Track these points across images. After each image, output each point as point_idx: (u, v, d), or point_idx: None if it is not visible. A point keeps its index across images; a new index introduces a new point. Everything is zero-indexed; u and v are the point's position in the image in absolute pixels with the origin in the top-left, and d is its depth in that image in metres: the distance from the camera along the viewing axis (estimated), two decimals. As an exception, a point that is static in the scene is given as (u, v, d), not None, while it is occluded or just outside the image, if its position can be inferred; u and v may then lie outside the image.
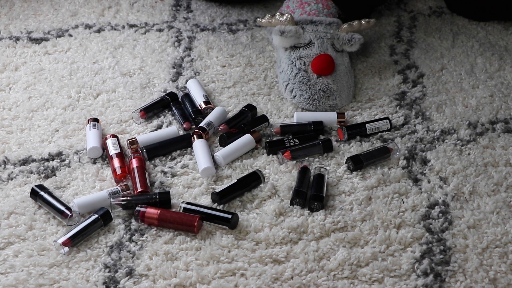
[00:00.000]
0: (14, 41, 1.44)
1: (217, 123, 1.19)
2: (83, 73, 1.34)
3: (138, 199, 1.04)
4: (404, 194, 1.07)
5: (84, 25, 1.49)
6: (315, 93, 1.22)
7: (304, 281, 0.94)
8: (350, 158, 1.11)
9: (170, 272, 0.94)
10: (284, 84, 1.25)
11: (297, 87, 1.23)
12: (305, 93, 1.22)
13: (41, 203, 1.04)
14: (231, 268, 0.95)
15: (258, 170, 1.09)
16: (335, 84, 1.23)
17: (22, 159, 1.14)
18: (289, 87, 1.24)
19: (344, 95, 1.24)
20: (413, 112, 1.24)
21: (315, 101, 1.22)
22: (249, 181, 1.07)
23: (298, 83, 1.23)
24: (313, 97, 1.22)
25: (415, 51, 1.40)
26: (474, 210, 1.04)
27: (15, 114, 1.24)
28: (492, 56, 1.37)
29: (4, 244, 0.99)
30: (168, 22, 1.50)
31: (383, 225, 1.01)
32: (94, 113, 1.24)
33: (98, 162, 1.13)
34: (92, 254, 0.97)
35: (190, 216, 1.00)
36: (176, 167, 1.12)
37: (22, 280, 0.93)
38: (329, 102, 1.22)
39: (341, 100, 1.23)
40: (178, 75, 1.34)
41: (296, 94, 1.23)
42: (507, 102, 1.26)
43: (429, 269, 0.95)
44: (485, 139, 1.17)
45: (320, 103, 1.22)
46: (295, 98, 1.23)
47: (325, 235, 1.00)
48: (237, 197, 1.06)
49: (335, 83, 1.23)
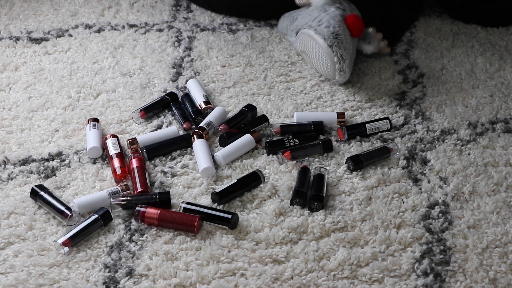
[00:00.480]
0: (14, 41, 1.44)
1: (217, 123, 1.19)
2: (83, 73, 1.34)
3: (138, 199, 1.04)
4: (404, 194, 1.07)
5: (84, 25, 1.49)
6: (339, 34, 1.23)
7: (304, 281, 0.94)
8: (350, 158, 1.11)
9: (170, 272, 0.94)
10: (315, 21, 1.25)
11: (329, 18, 1.23)
12: (332, 27, 1.22)
13: (41, 203, 1.04)
14: (231, 268, 0.95)
15: (258, 170, 1.09)
16: (352, 48, 1.25)
17: (22, 159, 1.14)
18: (324, 19, 1.23)
19: (350, 62, 1.26)
20: (413, 112, 1.24)
21: (334, 40, 1.22)
22: (249, 181, 1.07)
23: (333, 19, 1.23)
24: (337, 36, 1.22)
25: (415, 51, 1.40)
26: (474, 210, 1.04)
27: (15, 114, 1.24)
28: (492, 56, 1.37)
29: (4, 244, 0.99)
30: (168, 22, 1.50)
31: (383, 225, 1.01)
32: (94, 113, 1.24)
33: (98, 162, 1.13)
34: (92, 254, 0.97)
35: (190, 216, 1.00)
36: (176, 167, 1.12)
37: (22, 280, 0.93)
38: (341, 52, 1.23)
39: (345, 62, 1.24)
40: (178, 75, 1.34)
41: (323, 24, 1.23)
42: (507, 102, 1.26)
43: (429, 269, 0.95)
44: (485, 139, 1.17)
45: (336, 45, 1.22)
46: (319, 26, 1.23)
47: (325, 235, 1.00)
48: (237, 197, 1.06)
49: (352, 47, 1.25)
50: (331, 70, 1.26)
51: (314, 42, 1.25)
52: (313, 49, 1.26)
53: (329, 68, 1.26)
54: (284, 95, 1.29)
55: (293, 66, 1.36)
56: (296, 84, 1.32)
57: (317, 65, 1.29)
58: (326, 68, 1.27)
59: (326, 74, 1.29)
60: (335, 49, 1.22)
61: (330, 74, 1.27)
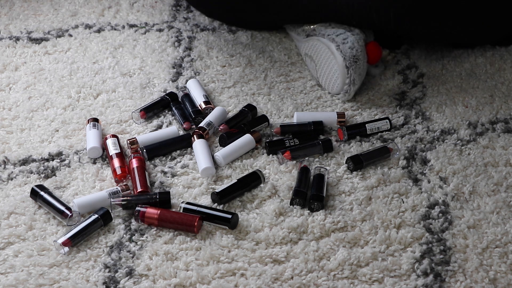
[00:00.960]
0: (14, 41, 1.44)
1: (217, 123, 1.19)
2: (83, 73, 1.34)
3: (138, 199, 1.04)
4: (404, 194, 1.07)
5: (84, 25, 1.49)
6: (359, 59, 1.22)
7: (304, 281, 0.94)
8: (350, 158, 1.11)
9: (170, 272, 0.94)
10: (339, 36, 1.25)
11: (354, 40, 1.23)
12: (355, 50, 1.22)
13: (41, 203, 1.04)
14: (231, 268, 0.95)
15: (258, 170, 1.09)
16: (364, 74, 1.26)
17: (22, 159, 1.14)
18: (349, 39, 1.23)
19: (358, 87, 1.26)
20: (413, 112, 1.24)
21: (354, 64, 1.22)
22: (249, 181, 1.07)
23: (357, 42, 1.23)
24: (357, 61, 1.22)
25: (415, 51, 1.40)
26: (474, 210, 1.04)
27: (15, 114, 1.24)
28: (492, 56, 1.37)
29: (4, 244, 0.99)
30: (168, 22, 1.50)
31: (383, 225, 1.01)
32: (94, 113, 1.24)
33: (98, 162, 1.13)
34: (92, 254, 0.97)
35: (190, 216, 1.00)
36: (176, 167, 1.12)
37: (22, 280, 0.93)
38: (355, 76, 1.23)
39: (354, 86, 1.24)
40: (178, 75, 1.34)
41: (348, 43, 1.22)
42: (507, 102, 1.26)
43: (429, 269, 0.95)
44: (485, 139, 1.17)
45: (353, 68, 1.22)
46: (344, 44, 1.23)
47: (325, 235, 1.00)
48: (237, 197, 1.06)
49: (364, 73, 1.26)
50: (336, 87, 1.25)
51: (332, 56, 1.24)
52: (326, 61, 1.26)
53: (336, 85, 1.25)
54: (284, 95, 1.29)
55: (293, 66, 1.36)
56: (296, 84, 1.32)
57: (321, 75, 1.28)
58: (332, 83, 1.26)
59: (327, 87, 1.28)
60: (351, 72, 1.22)
61: (333, 89, 1.26)
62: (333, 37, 1.25)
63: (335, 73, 1.24)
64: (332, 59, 1.24)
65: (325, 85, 1.28)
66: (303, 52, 1.34)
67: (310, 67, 1.32)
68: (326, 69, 1.26)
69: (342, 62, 1.22)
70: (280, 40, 1.44)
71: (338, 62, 1.22)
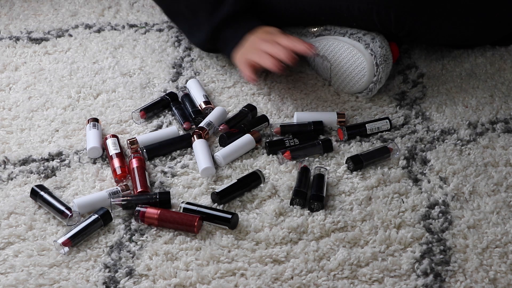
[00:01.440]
0: (14, 41, 1.44)
1: (217, 123, 1.19)
2: (83, 73, 1.34)
3: (138, 199, 1.04)
4: (404, 194, 1.07)
5: (84, 25, 1.49)
6: (388, 59, 1.23)
7: (304, 281, 0.94)
8: (350, 158, 1.11)
9: (170, 272, 0.94)
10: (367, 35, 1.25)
11: (381, 39, 1.24)
12: (384, 49, 1.23)
13: (41, 203, 1.04)
14: (231, 268, 0.95)
15: (258, 170, 1.09)
16: (388, 74, 1.26)
17: (22, 159, 1.14)
18: (377, 39, 1.23)
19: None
20: (413, 112, 1.24)
21: (384, 62, 1.22)
22: (249, 181, 1.07)
23: (384, 41, 1.24)
24: (386, 59, 1.23)
25: (415, 51, 1.40)
26: (474, 210, 1.04)
27: (15, 114, 1.24)
28: (492, 56, 1.37)
29: (4, 244, 0.99)
30: (168, 22, 1.50)
31: (383, 225, 1.01)
32: (94, 113, 1.24)
33: (98, 162, 1.13)
34: (92, 254, 0.97)
35: (190, 216, 1.00)
36: (176, 167, 1.12)
37: (22, 280, 0.93)
38: (382, 75, 1.23)
39: (379, 84, 1.24)
40: (178, 75, 1.34)
41: (377, 42, 1.23)
42: (507, 102, 1.26)
43: (429, 269, 0.95)
44: (485, 139, 1.17)
45: (382, 67, 1.22)
46: (374, 43, 1.23)
47: (325, 235, 1.00)
48: (237, 197, 1.06)
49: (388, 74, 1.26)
50: (359, 86, 1.24)
51: (359, 55, 1.22)
52: (348, 60, 1.24)
53: (359, 84, 1.24)
54: (284, 95, 1.29)
55: (293, 66, 1.36)
56: (296, 84, 1.31)
57: (338, 74, 1.27)
58: (353, 82, 1.24)
59: (344, 86, 1.27)
60: (380, 70, 1.22)
61: (353, 88, 1.25)
62: (359, 36, 1.25)
63: (360, 72, 1.23)
64: (357, 58, 1.23)
65: (341, 84, 1.27)
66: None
67: (320, 67, 1.31)
68: (347, 69, 1.25)
69: (372, 60, 1.21)
70: (280, 40, 1.43)
71: (367, 60, 1.22)
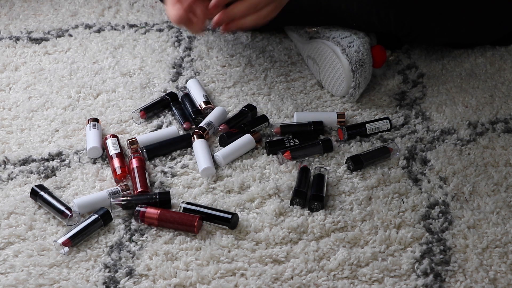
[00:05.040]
0: (14, 41, 1.44)
1: (217, 123, 1.19)
2: (83, 73, 1.34)
3: (138, 199, 1.04)
4: (404, 194, 1.07)
5: (84, 25, 1.49)
6: (365, 63, 1.22)
7: (304, 281, 0.94)
8: (350, 158, 1.11)
9: (170, 272, 0.94)
10: (345, 40, 1.24)
11: (360, 44, 1.22)
12: (361, 54, 1.22)
13: (41, 203, 1.04)
14: (231, 268, 0.95)
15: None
16: (369, 78, 1.25)
17: (22, 159, 1.14)
18: (355, 43, 1.23)
19: (363, 90, 1.26)
20: (413, 112, 1.24)
21: (360, 67, 1.21)
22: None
23: (363, 46, 1.23)
24: (362, 64, 1.22)
25: (415, 51, 1.40)
26: (474, 210, 1.04)
27: (15, 114, 1.24)
28: (492, 56, 1.37)
29: (4, 244, 0.99)
30: (168, 22, 1.50)
31: (383, 225, 1.01)
32: (94, 113, 1.24)
33: (98, 162, 1.13)
34: (92, 254, 0.97)
35: (190, 216, 1.00)
36: (176, 167, 1.12)
37: (22, 280, 0.93)
38: (360, 79, 1.22)
39: (359, 90, 1.24)
40: (178, 75, 1.34)
41: (354, 47, 1.22)
42: (507, 102, 1.26)
43: (429, 269, 0.95)
44: (485, 139, 1.17)
45: (359, 72, 1.22)
46: (350, 48, 1.22)
47: (325, 235, 1.00)
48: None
49: (369, 77, 1.25)
50: (341, 90, 1.25)
51: (337, 60, 1.23)
52: (330, 64, 1.25)
53: (341, 88, 1.25)
54: (284, 95, 1.29)
55: (293, 66, 1.36)
56: (296, 84, 1.32)
57: (325, 78, 1.27)
58: (337, 86, 1.25)
59: (331, 89, 1.27)
60: (357, 75, 1.21)
61: (338, 92, 1.26)
62: (338, 40, 1.24)
63: (340, 77, 1.23)
64: (337, 63, 1.24)
65: (328, 87, 1.28)
66: (305, 54, 1.34)
67: (312, 70, 1.32)
68: (331, 72, 1.25)
69: (348, 66, 1.21)
70: (280, 40, 1.44)
71: (343, 66, 1.22)
